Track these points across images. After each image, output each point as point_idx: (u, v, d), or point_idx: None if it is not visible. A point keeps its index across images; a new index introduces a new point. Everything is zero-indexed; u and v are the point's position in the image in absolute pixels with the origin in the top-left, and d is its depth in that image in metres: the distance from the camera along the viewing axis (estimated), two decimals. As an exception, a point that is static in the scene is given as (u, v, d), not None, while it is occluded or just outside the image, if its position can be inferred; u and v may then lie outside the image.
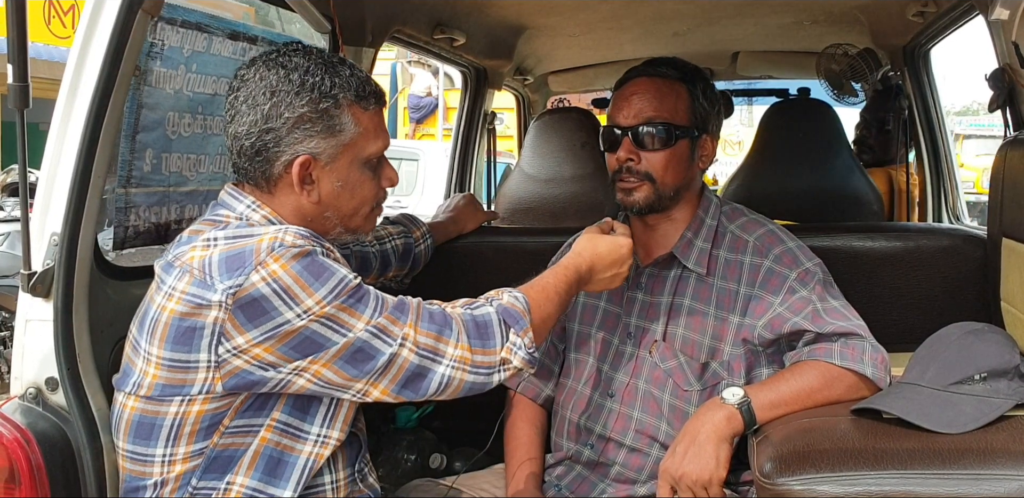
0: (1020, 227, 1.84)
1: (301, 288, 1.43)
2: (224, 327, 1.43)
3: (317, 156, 1.54)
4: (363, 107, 1.57)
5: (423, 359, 1.51)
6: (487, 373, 1.56)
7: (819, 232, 2.30)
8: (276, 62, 1.54)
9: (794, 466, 1.43)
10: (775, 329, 1.85)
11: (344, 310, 1.46)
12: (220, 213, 1.59)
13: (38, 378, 1.60)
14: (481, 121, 3.96)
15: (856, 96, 3.63)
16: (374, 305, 1.50)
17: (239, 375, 1.46)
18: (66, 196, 1.59)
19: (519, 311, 1.60)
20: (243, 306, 1.42)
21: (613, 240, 1.80)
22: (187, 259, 1.47)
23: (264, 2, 2.23)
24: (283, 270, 1.43)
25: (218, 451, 1.52)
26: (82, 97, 1.60)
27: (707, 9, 3.16)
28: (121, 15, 1.59)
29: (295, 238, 1.46)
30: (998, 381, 1.54)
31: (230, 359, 1.45)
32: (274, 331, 1.43)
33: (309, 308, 1.44)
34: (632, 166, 1.92)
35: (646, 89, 1.94)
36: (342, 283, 1.47)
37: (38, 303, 1.60)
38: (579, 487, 1.99)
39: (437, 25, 3.01)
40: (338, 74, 1.55)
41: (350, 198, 1.60)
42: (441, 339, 1.53)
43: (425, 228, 2.30)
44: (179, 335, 1.46)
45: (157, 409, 1.50)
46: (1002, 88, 2.16)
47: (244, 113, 1.53)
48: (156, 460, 1.52)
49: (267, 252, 1.44)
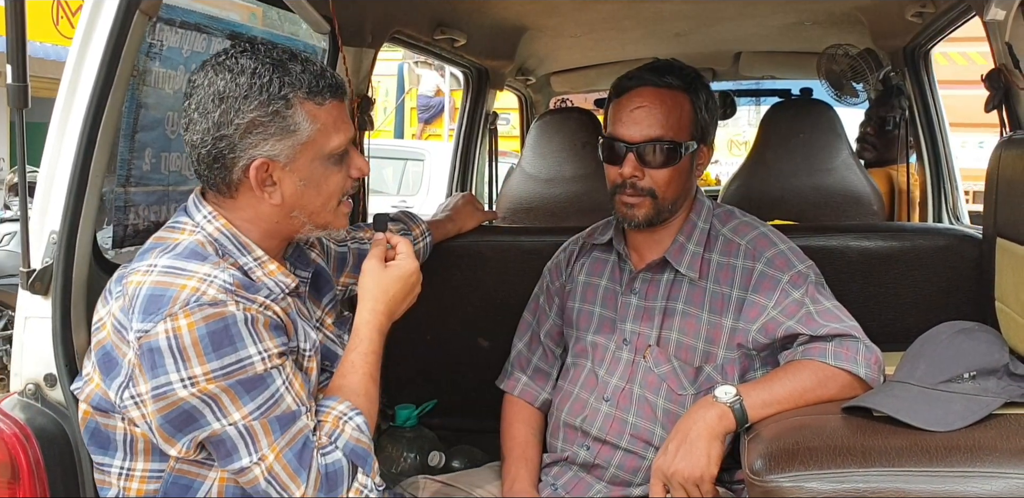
0: (1014, 227, 1.84)
1: (196, 354, 1.39)
2: (134, 372, 1.43)
3: (275, 158, 1.50)
4: (317, 103, 1.51)
5: (270, 488, 1.45)
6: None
7: (815, 232, 2.31)
8: (223, 66, 1.49)
9: (784, 463, 1.43)
10: (769, 333, 1.86)
11: (227, 393, 1.41)
12: (180, 220, 1.57)
13: (37, 374, 1.62)
14: (483, 121, 3.97)
15: (857, 96, 3.63)
16: (261, 402, 1.43)
17: (139, 427, 1.46)
18: (65, 195, 1.61)
19: (364, 448, 1.53)
20: (144, 353, 1.40)
21: (399, 274, 1.69)
22: (128, 281, 1.46)
23: (263, 3, 2.24)
24: (188, 328, 1.39)
25: (176, 476, 1.51)
26: (81, 97, 1.61)
27: (708, 10, 3.17)
28: (119, 16, 1.61)
29: (217, 292, 1.41)
30: (987, 380, 1.54)
31: (130, 407, 1.44)
32: (159, 390, 1.40)
33: (195, 376, 1.39)
34: (636, 182, 1.91)
35: (651, 103, 1.90)
36: (239, 363, 1.41)
37: (37, 300, 1.62)
38: (575, 487, 1.99)
39: (438, 26, 3.03)
40: (288, 72, 1.49)
41: (316, 195, 1.56)
42: (295, 480, 1.45)
43: (424, 226, 2.31)
44: (104, 359, 1.47)
45: (107, 421, 1.51)
46: (998, 88, 2.16)
47: (197, 121, 1.50)
48: (113, 472, 1.53)
49: (182, 304, 1.39)
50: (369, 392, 1.60)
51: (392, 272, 1.69)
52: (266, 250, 1.57)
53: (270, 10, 2.32)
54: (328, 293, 1.76)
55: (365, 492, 1.51)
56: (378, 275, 1.68)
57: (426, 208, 8.44)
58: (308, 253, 1.74)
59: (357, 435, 1.53)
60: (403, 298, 1.70)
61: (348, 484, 1.50)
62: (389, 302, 1.67)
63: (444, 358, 2.52)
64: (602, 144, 1.97)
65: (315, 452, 1.48)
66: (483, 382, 2.22)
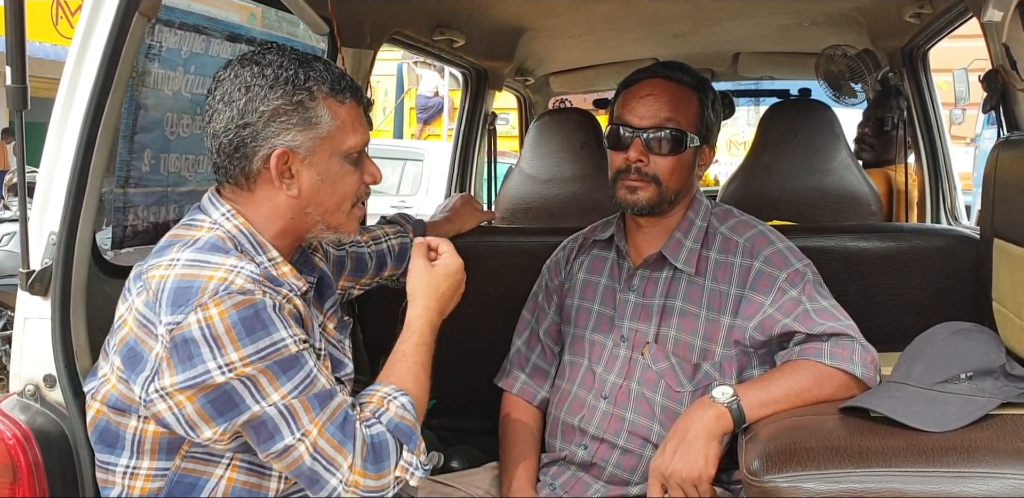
0: (1011, 228, 1.84)
1: (230, 340, 1.41)
2: (160, 365, 1.43)
3: (295, 149, 1.54)
4: (339, 100, 1.57)
5: (316, 464, 1.47)
6: (379, 494, 1.52)
7: (813, 233, 2.31)
8: (250, 60, 1.55)
9: (781, 464, 1.44)
10: (766, 331, 1.87)
11: (265, 374, 1.44)
12: (197, 217, 1.58)
13: (36, 375, 1.62)
14: (482, 122, 3.97)
15: (855, 97, 3.63)
16: (298, 382, 1.46)
17: (163, 420, 1.47)
18: (64, 195, 1.61)
19: (410, 425, 1.56)
20: (176, 346, 1.42)
21: (446, 272, 1.76)
22: (150, 276, 1.48)
23: (261, 4, 2.24)
24: (219, 317, 1.41)
25: (180, 475, 1.52)
26: (80, 98, 1.61)
27: (707, 10, 3.17)
28: (118, 17, 1.61)
29: (246, 282, 1.44)
30: (984, 380, 1.55)
31: (156, 401, 1.44)
32: (196, 379, 1.42)
33: (231, 362, 1.41)
34: (641, 167, 1.93)
35: (662, 92, 1.94)
36: (273, 346, 1.44)
37: (36, 301, 1.62)
38: (573, 487, 2.00)
39: (437, 26, 3.03)
40: (312, 68, 1.55)
41: (331, 192, 1.59)
42: (341, 451, 1.48)
43: (422, 228, 2.31)
44: (129, 355, 1.47)
45: (119, 419, 1.52)
46: (995, 89, 2.17)
47: (221, 111, 1.54)
48: (118, 470, 1.53)
49: (211, 294, 1.41)
50: (420, 379, 1.64)
51: (439, 270, 1.76)
52: (279, 251, 1.59)
53: (269, 11, 2.33)
54: (330, 297, 1.77)
55: (411, 470, 1.54)
56: (427, 274, 1.75)
57: (425, 208, 8.44)
58: (312, 258, 1.76)
59: (402, 413, 1.56)
60: (452, 294, 1.76)
61: (395, 460, 1.52)
62: (439, 299, 1.73)
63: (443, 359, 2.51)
64: (609, 131, 1.99)
65: (357, 423, 1.51)
66: (482, 383, 2.22)
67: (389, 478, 1.52)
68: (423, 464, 1.55)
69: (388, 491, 1.52)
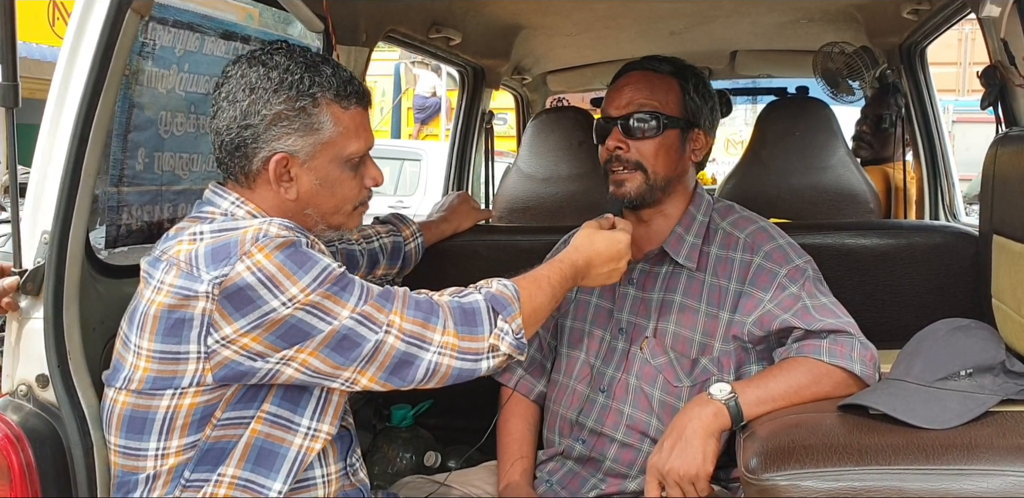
0: (1010, 224, 1.84)
1: (285, 276, 1.45)
2: (212, 317, 1.45)
3: (295, 154, 1.56)
4: (343, 106, 1.58)
5: (409, 346, 1.52)
6: (475, 359, 1.57)
7: (812, 230, 2.31)
8: (258, 60, 1.56)
9: (779, 461, 1.43)
10: (764, 326, 1.86)
11: (328, 298, 1.47)
12: (205, 210, 1.61)
13: (29, 375, 1.61)
14: (479, 121, 3.96)
15: (853, 94, 3.62)
16: (359, 293, 1.51)
17: (228, 366, 1.47)
18: (57, 195, 1.60)
19: (508, 298, 1.61)
20: (229, 296, 1.44)
21: (611, 235, 1.80)
22: (173, 253, 1.49)
23: (256, 1, 2.23)
24: (267, 259, 1.44)
25: (210, 444, 1.53)
26: (72, 96, 1.60)
27: (704, 8, 3.16)
28: (111, 15, 1.60)
29: (280, 229, 1.48)
30: (983, 377, 1.54)
31: (219, 349, 1.46)
32: (260, 320, 1.44)
33: (294, 296, 1.45)
34: (621, 155, 1.94)
35: (637, 80, 1.98)
36: (325, 272, 1.48)
37: (29, 301, 1.61)
38: (570, 482, 1.99)
39: (432, 24, 3.02)
40: (319, 73, 1.56)
41: (330, 196, 1.61)
42: (427, 326, 1.53)
43: (415, 227, 2.30)
44: (168, 327, 1.47)
45: (148, 403, 1.52)
46: (994, 85, 2.16)
47: (225, 109, 1.56)
48: (149, 454, 1.54)
49: (252, 242, 1.45)
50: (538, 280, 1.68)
51: (607, 233, 1.81)
52: None
53: (267, 11, 2.31)
54: None
55: (503, 336, 1.58)
56: (593, 230, 1.82)
57: (423, 208, 8.46)
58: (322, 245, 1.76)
59: (502, 288, 1.62)
60: (606, 257, 1.79)
61: (489, 325, 1.57)
62: (590, 253, 1.77)
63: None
64: (595, 128, 2.03)
65: (434, 296, 1.59)
66: (479, 382, 2.20)
67: (484, 343, 1.56)
68: (515, 332, 1.59)
69: (483, 356, 1.57)
